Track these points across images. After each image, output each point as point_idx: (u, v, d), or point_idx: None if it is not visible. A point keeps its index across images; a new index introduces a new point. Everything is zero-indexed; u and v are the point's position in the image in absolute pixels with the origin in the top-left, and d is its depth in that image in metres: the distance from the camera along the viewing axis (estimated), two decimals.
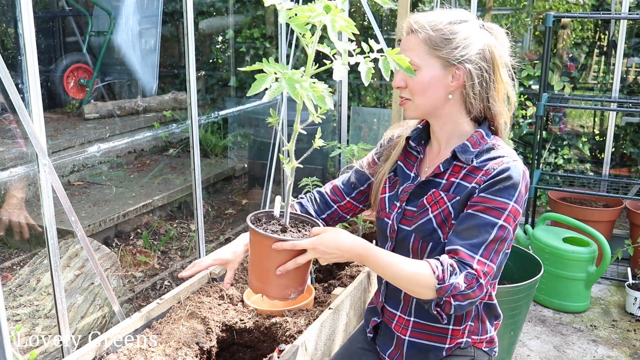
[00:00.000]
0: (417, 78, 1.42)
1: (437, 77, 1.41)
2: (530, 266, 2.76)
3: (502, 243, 1.36)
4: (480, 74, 1.41)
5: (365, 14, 4.44)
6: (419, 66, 1.41)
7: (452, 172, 1.45)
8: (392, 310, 1.58)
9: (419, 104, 1.45)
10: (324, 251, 1.34)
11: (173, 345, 1.87)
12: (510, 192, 1.36)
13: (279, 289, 1.42)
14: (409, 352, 1.55)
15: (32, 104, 1.76)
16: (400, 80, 1.46)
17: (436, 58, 1.40)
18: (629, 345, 3.06)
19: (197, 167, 2.50)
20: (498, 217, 1.35)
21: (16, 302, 2.47)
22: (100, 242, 3.21)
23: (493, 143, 1.45)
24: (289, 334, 1.99)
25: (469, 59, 1.40)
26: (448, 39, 1.39)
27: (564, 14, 4.45)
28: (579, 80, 4.99)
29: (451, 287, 1.30)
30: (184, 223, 4.22)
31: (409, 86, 1.44)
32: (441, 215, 1.43)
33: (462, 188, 1.42)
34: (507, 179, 1.36)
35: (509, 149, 1.45)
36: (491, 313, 1.57)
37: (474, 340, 1.53)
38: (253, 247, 1.43)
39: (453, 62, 1.40)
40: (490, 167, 1.39)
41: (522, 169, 1.39)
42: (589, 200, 4.02)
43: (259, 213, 1.49)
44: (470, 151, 1.43)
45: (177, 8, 5.71)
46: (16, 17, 1.72)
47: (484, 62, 1.41)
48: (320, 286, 2.51)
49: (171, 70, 6.11)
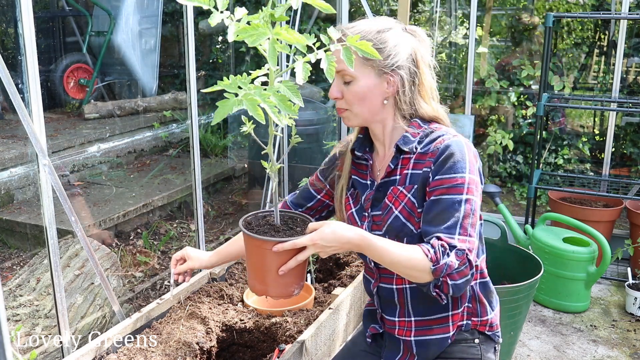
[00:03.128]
0: (354, 88, 1.46)
1: (373, 85, 1.46)
2: (530, 266, 2.76)
3: (473, 215, 1.39)
4: (410, 77, 1.48)
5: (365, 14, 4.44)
6: (354, 77, 1.46)
7: (402, 165, 1.50)
8: (391, 318, 1.59)
9: (358, 112, 1.49)
10: (324, 245, 1.36)
11: (173, 345, 1.87)
12: (460, 165, 1.40)
13: (282, 287, 1.43)
14: (419, 351, 1.55)
15: (32, 104, 1.76)
16: (336, 91, 1.50)
17: (370, 67, 1.45)
18: (629, 345, 3.06)
19: (197, 167, 2.50)
20: (460, 192, 1.39)
21: (16, 302, 2.47)
22: (100, 242, 3.21)
23: (433, 127, 1.50)
24: (289, 334, 1.99)
25: (400, 65, 1.45)
26: (379, 48, 1.43)
27: (564, 14, 4.46)
28: (579, 80, 4.99)
29: (445, 266, 1.33)
30: (184, 223, 4.22)
31: (346, 97, 1.48)
32: (406, 208, 1.47)
33: (416, 176, 1.46)
34: (452, 154, 1.41)
35: (447, 128, 1.50)
36: (487, 292, 1.57)
37: (475, 322, 1.54)
38: (251, 252, 1.43)
39: (387, 70, 1.45)
40: (433, 147, 1.44)
41: (463, 141, 1.44)
42: (589, 200, 4.02)
43: (248, 216, 1.50)
44: (412, 140, 1.48)
45: (177, 8, 5.70)
46: (16, 17, 1.73)
47: (413, 65, 1.48)
48: (320, 286, 2.51)
49: (171, 70, 6.11)
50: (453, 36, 5.46)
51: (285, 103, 1.22)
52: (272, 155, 1.38)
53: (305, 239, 1.35)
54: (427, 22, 5.62)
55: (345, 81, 1.48)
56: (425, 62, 1.50)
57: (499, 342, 1.60)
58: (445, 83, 5.54)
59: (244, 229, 1.41)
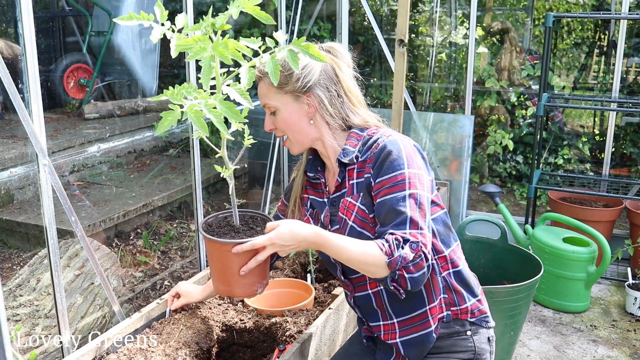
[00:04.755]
0: (280, 117, 1.54)
1: (294, 110, 1.52)
2: (530, 266, 2.76)
3: (420, 208, 1.40)
4: (329, 92, 1.52)
5: (365, 14, 4.44)
6: (276, 107, 1.53)
7: (348, 177, 1.53)
8: (376, 324, 1.61)
9: (294, 139, 1.56)
10: (282, 245, 1.39)
11: (173, 345, 1.87)
12: (397, 163, 1.43)
13: (245, 287, 1.46)
14: (407, 352, 1.56)
15: (32, 104, 1.76)
16: (269, 124, 1.58)
17: (286, 94, 1.51)
18: (629, 345, 3.06)
19: (197, 167, 2.50)
20: (402, 189, 1.41)
21: (16, 302, 2.47)
22: (100, 242, 3.21)
23: (370, 134, 1.53)
24: (289, 334, 1.99)
25: (313, 84, 1.50)
26: (288, 74, 1.49)
27: (564, 14, 4.46)
28: (579, 80, 4.99)
29: (400, 258, 1.35)
30: (184, 223, 4.22)
31: (278, 126, 1.56)
32: (358, 217, 1.49)
33: (360, 184, 1.50)
34: (388, 154, 1.44)
35: (384, 130, 1.53)
36: (462, 280, 1.57)
37: (455, 312, 1.55)
38: (212, 255, 1.46)
39: (300, 93, 1.50)
40: (370, 153, 1.48)
41: (398, 138, 1.47)
42: (589, 200, 4.02)
43: (209, 219, 1.54)
44: (352, 151, 1.52)
45: (177, 8, 5.71)
46: (16, 17, 1.73)
47: (329, 81, 1.52)
48: (320, 286, 2.51)
49: (171, 70, 6.10)
50: (453, 36, 5.46)
51: (232, 110, 1.20)
52: (226, 158, 1.40)
53: (263, 239, 1.38)
54: (427, 22, 5.62)
55: (271, 112, 1.55)
56: (346, 74, 1.55)
57: (490, 327, 1.59)
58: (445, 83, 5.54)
59: (203, 232, 1.44)
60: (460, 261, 1.57)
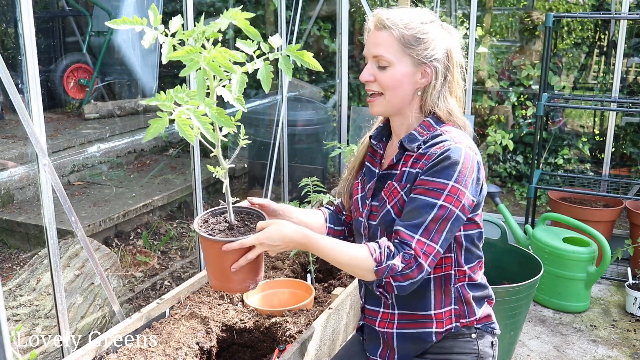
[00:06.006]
0: (390, 73, 1.46)
1: (408, 74, 1.46)
2: (530, 266, 2.76)
3: (443, 222, 1.39)
4: (444, 73, 1.47)
5: (365, 14, 4.44)
6: (391, 62, 1.45)
7: (403, 162, 1.50)
8: (374, 309, 1.59)
9: (390, 99, 1.49)
10: (270, 245, 1.39)
11: (173, 345, 1.87)
12: (448, 172, 1.39)
13: (238, 283, 1.48)
14: (400, 345, 1.55)
15: (32, 104, 1.76)
16: (368, 74, 1.49)
17: (408, 56, 1.45)
18: (629, 345, 3.06)
19: (197, 167, 2.50)
20: (437, 197, 1.39)
21: (16, 302, 2.47)
22: (100, 242, 3.21)
23: (442, 130, 1.48)
24: (289, 334, 1.99)
25: (437, 58, 1.45)
26: (420, 38, 1.44)
27: (564, 14, 4.46)
28: (579, 80, 4.99)
29: (388, 268, 1.35)
30: (184, 223, 4.22)
31: (379, 81, 1.48)
32: (397, 205, 1.47)
33: (410, 174, 1.46)
34: (446, 159, 1.40)
35: (457, 134, 1.47)
36: (477, 293, 1.55)
37: (463, 324, 1.54)
38: (206, 251, 1.48)
39: (424, 61, 1.45)
40: (432, 151, 1.43)
41: (464, 150, 1.42)
42: (589, 200, 4.02)
43: (205, 214, 1.55)
44: (417, 139, 1.48)
45: (177, 8, 5.70)
46: (16, 17, 1.73)
47: (448, 61, 1.48)
48: (320, 286, 2.51)
49: (171, 70, 6.10)
50: None
51: (223, 117, 1.20)
52: (220, 157, 1.41)
53: (252, 238, 1.39)
54: None
55: (380, 65, 1.47)
56: (458, 61, 1.50)
57: (496, 333, 1.58)
58: None
59: (197, 229, 1.46)
60: (477, 276, 1.55)
